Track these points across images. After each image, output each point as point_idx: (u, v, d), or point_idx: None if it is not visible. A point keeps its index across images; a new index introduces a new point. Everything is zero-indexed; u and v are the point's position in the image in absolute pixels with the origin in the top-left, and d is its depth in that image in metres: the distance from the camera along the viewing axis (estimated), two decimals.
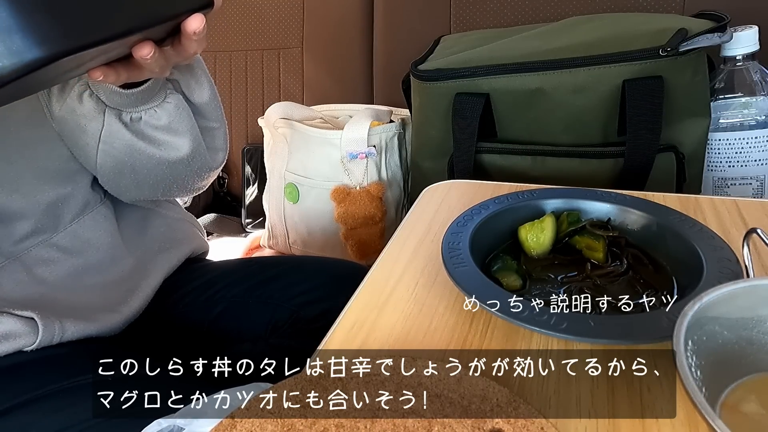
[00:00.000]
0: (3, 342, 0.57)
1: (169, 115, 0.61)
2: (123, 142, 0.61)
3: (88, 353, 0.61)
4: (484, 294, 0.44)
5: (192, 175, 0.68)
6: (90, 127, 0.60)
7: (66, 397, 0.55)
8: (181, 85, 0.63)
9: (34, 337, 0.58)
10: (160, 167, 0.64)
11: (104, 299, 0.65)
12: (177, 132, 0.63)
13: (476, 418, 0.36)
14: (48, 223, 0.64)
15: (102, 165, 0.64)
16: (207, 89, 0.64)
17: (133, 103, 0.59)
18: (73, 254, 0.66)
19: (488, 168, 0.91)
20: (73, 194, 0.66)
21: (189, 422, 0.38)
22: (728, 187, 0.88)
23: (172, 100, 0.61)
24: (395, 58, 1.25)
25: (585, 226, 0.55)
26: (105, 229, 0.69)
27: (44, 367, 0.58)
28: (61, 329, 0.59)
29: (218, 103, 0.67)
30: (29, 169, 0.62)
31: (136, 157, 0.63)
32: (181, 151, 0.64)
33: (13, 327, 0.57)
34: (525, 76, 0.85)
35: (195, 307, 0.75)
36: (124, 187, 0.67)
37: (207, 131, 0.67)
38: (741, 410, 0.33)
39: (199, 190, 0.73)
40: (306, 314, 0.73)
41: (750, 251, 0.43)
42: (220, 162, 0.71)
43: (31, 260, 0.63)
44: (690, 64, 0.80)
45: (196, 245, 0.80)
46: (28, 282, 0.62)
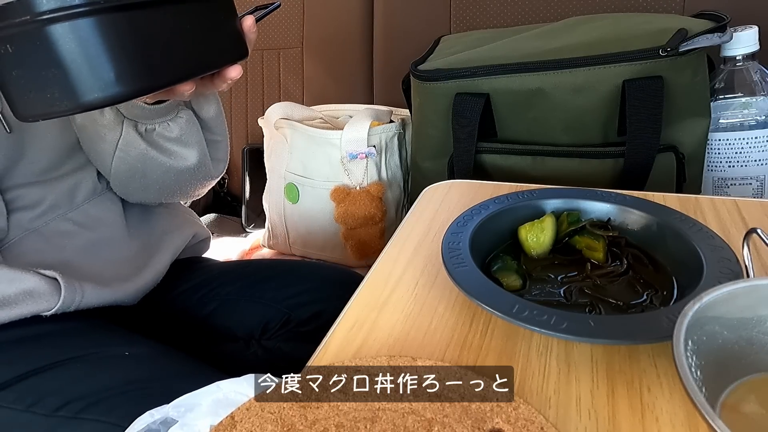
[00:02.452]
0: (27, 301, 0.58)
1: (180, 128, 0.67)
2: (138, 150, 0.67)
3: (104, 329, 0.64)
4: (484, 294, 0.44)
5: (195, 183, 0.74)
6: (109, 136, 0.66)
7: (85, 365, 0.57)
8: (192, 102, 0.69)
9: (56, 298, 0.59)
10: (168, 174, 0.70)
11: (117, 271, 0.69)
12: (187, 144, 0.69)
13: (476, 418, 0.36)
14: (63, 202, 0.68)
15: (116, 170, 0.69)
16: (214, 106, 0.70)
17: (150, 116, 0.65)
18: (88, 228, 0.69)
19: (488, 168, 0.91)
20: (83, 182, 0.71)
21: (182, 414, 0.38)
22: (728, 187, 0.88)
23: (183, 115, 0.67)
24: (395, 58, 1.25)
25: (585, 226, 0.55)
26: (113, 210, 0.73)
27: (63, 337, 0.60)
28: (81, 291, 0.61)
29: (223, 119, 0.74)
30: (47, 167, 0.66)
31: (148, 164, 0.68)
32: (189, 161, 0.70)
33: (36, 285, 0.59)
34: (525, 76, 0.85)
35: (190, 304, 0.77)
36: (132, 189, 0.72)
37: (212, 144, 0.73)
38: (741, 410, 0.33)
39: (198, 196, 0.78)
40: (297, 316, 0.74)
41: (750, 251, 0.43)
42: (221, 171, 0.76)
43: (50, 232, 0.66)
44: (690, 64, 0.80)
45: (198, 230, 0.83)
46: (48, 250, 0.65)
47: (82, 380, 0.56)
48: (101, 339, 0.61)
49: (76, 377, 0.56)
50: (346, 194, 1.07)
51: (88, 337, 0.61)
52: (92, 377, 0.56)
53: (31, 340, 0.59)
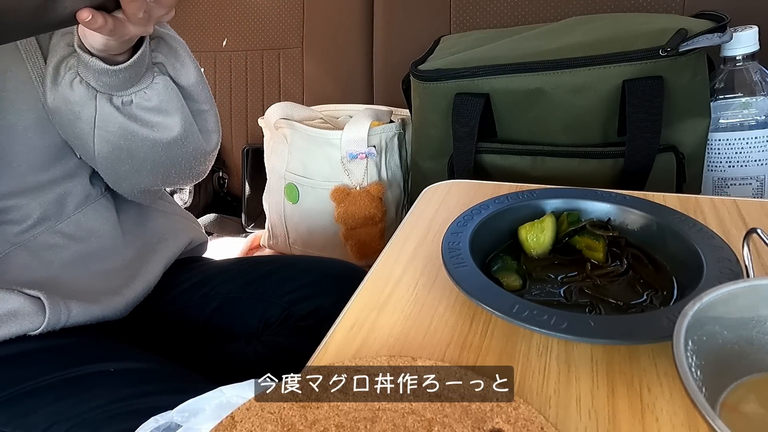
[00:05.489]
0: (10, 321, 0.58)
1: (158, 95, 0.63)
2: (117, 125, 0.63)
3: (91, 344, 0.62)
4: (484, 294, 0.44)
5: (188, 158, 0.69)
6: (83, 113, 0.62)
7: (70, 386, 0.57)
8: (167, 67, 0.64)
9: (41, 318, 0.59)
10: (155, 149, 0.66)
11: (107, 284, 0.67)
12: (168, 112, 0.64)
13: (476, 418, 0.36)
14: (52, 213, 0.66)
15: (100, 151, 0.65)
16: (193, 71, 0.66)
17: (121, 84, 0.60)
18: (77, 240, 0.68)
19: (488, 168, 0.91)
20: (74, 189, 0.68)
21: (186, 419, 0.38)
22: (728, 187, 0.88)
23: (160, 80, 0.63)
24: (395, 58, 1.25)
25: (585, 226, 0.55)
26: (106, 219, 0.71)
27: (49, 355, 0.59)
28: (67, 310, 0.60)
29: (205, 86, 0.69)
30: (31, 172, 0.64)
31: (131, 140, 0.64)
32: (174, 131, 0.65)
33: (20, 306, 0.58)
34: (525, 76, 0.85)
35: (191, 304, 0.76)
36: (123, 174, 0.68)
37: (198, 114, 0.69)
38: (741, 410, 0.33)
39: (199, 176, 0.74)
40: (297, 311, 0.74)
41: (750, 251, 0.43)
42: (215, 144, 0.72)
43: (37, 246, 0.65)
44: (690, 64, 0.80)
45: (194, 235, 0.82)
46: (35, 266, 0.64)
47: (67, 400, 0.55)
48: (88, 356, 0.60)
49: (62, 397, 0.55)
50: (346, 194, 1.07)
51: (75, 354, 0.60)
52: (77, 397, 0.55)
53: (17, 360, 0.58)
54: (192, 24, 1.46)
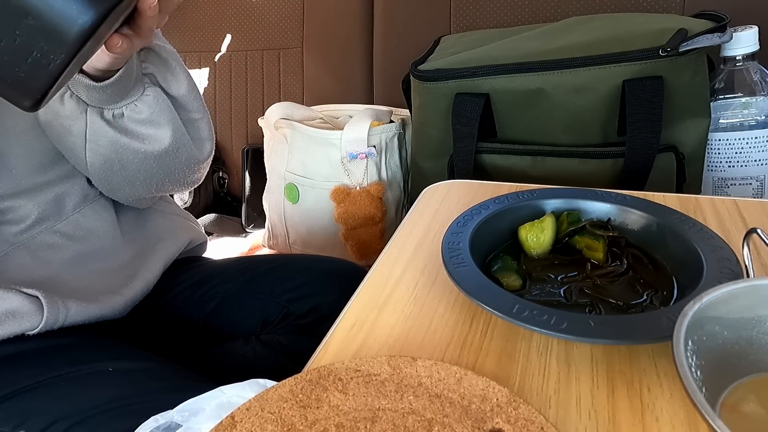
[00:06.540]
0: (9, 321, 0.58)
1: (149, 107, 0.62)
2: (107, 139, 0.62)
3: (91, 344, 0.62)
4: (484, 294, 0.44)
5: (181, 167, 0.69)
6: (74, 127, 0.62)
7: (69, 385, 0.57)
8: (157, 78, 0.64)
9: (39, 317, 0.59)
10: (147, 161, 0.65)
11: (106, 284, 0.67)
12: (158, 124, 0.64)
13: (476, 418, 0.36)
14: (51, 213, 0.66)
15: (92, 164, 0.65)
16: (184, 81, 0.66)
17: (111, 97, 0.60)
18: (76, 240, 0.68)
19: (488, 168, 0.91)
20: (72, 189, 0.68)
21: (186, 418, 0.38)
22: (728, 187, 0.88)
23: (150, 92, 0.63)
24: (395, 58, 1.25)
25: (585, 226, 0.55)
26: (105, 219, 0.71)
27: (47, 355, 0.59)
28: (65, 309, 0.60)
29: (198, 94, 0.69)
30: (29, 174, 0.64)
31: (122, 153, 0.64)
32: (164, 143, 0.65)
33: (18, 305, 0.58)
34: (525, 76, 0.85)
35: (190, 303, 0.76)
36: (116, 184, 0.68)
37: (190, 123, 0.68)
38: (741, 410, 0.33)
39: (194, 183, 0.74)
40: (296, 310, 0.74)
41: (750, 251, 0.43)
42: (208, 152, 0.72)
43: (36, 245, 0.65)
44: (690, 64, 0.80)
45: (194, 235, 0.82)
46: (33, 265, 0.64)
47: (66, 399, 0.55)
48: (86, 355, 0.60)
49: (61, 396, 0.55)
50: (346, 194, 1.07)
51: (73, 353, 0.60)
52: (76, 396, 0.55)
53: (15, 359, 0.59)
54: (192, 24, 1.46)
